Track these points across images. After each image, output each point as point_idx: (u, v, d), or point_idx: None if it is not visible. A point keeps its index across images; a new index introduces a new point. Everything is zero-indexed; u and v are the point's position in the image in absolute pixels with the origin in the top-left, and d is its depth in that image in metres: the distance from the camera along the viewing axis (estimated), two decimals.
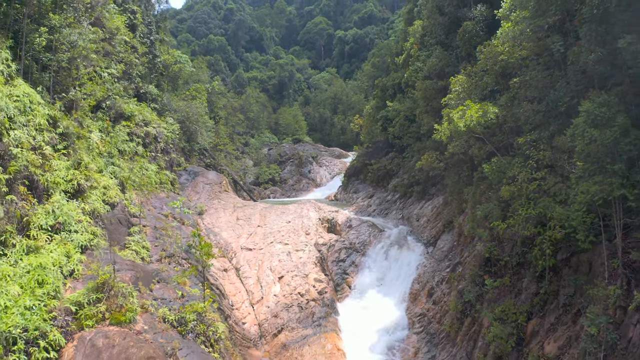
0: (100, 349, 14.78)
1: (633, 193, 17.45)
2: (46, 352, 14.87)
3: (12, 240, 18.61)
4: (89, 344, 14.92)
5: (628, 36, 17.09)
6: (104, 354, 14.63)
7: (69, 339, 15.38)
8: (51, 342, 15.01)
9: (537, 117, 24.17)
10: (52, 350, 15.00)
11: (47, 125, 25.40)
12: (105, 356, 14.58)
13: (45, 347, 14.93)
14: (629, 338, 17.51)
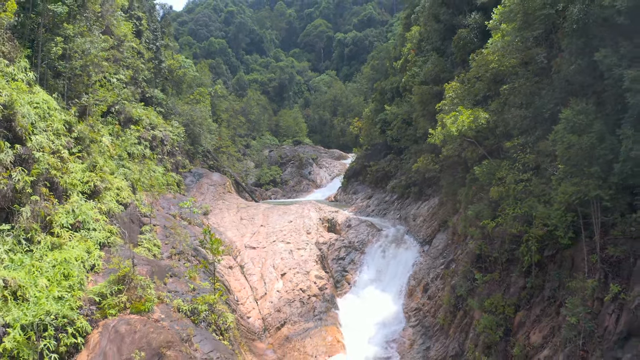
0: (123, 335, 16.36)
1: (608, 194, 19.04)
2: (74, 337, 16.46)
3: (38, 237, 20.21)
4: (113, 330, 16.50)
5: (603, 49, 18.70)
6: (127, 339, 16.21)
7: (94, 326, 16.97)
8: (78, 328, 16.60)
9: (525, 122, 25.76)
10: (79, 336, 16.59)
11: (63, 130, 27.00)
12: (128, 340, 16.16)
13: (73, 334, 16.51)
14: (605, 326, 19.10)
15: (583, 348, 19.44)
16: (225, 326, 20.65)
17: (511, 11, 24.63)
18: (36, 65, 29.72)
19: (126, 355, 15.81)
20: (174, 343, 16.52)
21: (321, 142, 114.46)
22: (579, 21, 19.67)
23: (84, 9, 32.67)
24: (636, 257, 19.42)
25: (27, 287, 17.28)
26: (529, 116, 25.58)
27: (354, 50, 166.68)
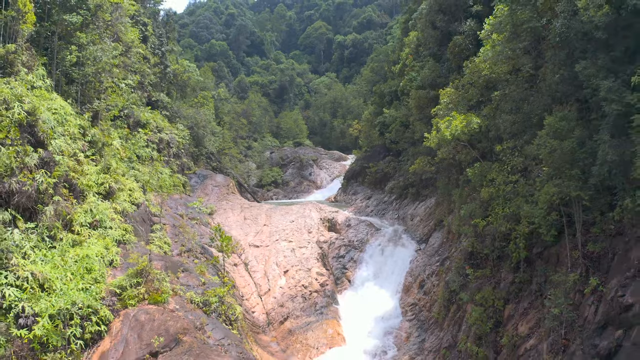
0: (143, 322, 17.93)
1: (588, 194, 20.64)
2: (98, 325, 18.05)
3: (60, 235, 21.81)
4: (133, 318, 18.08)
5: (583, 61, 20.30)
6: (147, 326, 17.78)
7: (115, 315, 18.56)
8: (101, 317, 18.19)
9: (514, 127, 27.34)
10: (103, 324, 18.19)
11: (78, 134, 28.63)
12: (148, 328, 17.73)
13: (97, 322, 18.10)
14: (585, 317, 20.69)
15: (565, 337, 21.03)
16: (234, 317, 22.28)
17: (501, 22, 26.24)
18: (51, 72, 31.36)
19: (146, 341, 17.39)
20: (189, 330, 18.12)
21: (321, 143, 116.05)
22: (562, 34, 21.26)
23: (96, 18, 34.28)
24: (614, 253, 21.01)
25: (53, 280, 18.87)
26: (518, 121, 27.16)
27: (353, 52, 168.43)
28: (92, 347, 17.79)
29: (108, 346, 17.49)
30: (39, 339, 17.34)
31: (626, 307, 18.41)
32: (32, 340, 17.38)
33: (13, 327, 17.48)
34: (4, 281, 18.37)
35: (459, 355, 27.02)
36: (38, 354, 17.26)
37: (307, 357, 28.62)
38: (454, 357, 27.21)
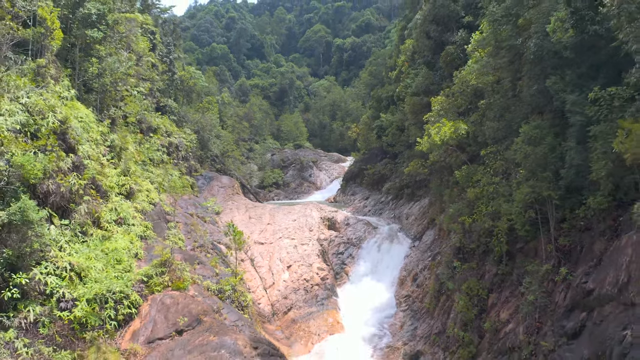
0: (168, 305, 20.62)
1: (558, 194, 23.39)
2: (129, 308, 20.76)
3: (90, 230, 24.52)
4: (160, 302, 20.77)
5: (553, 77, 23.05)
6: (172, 309, 20.47)
7: (144, 299, 21.26)
8: (132, 301, 20.90)
9: (497, 133, 30.08)
10: (133, 307, 20.89)
11: (100, 140, 31.33)
12: (173, 310, 20.42)
13: (128, 305, 20.81)
14: (556, 302, 23.41)
15: (538, 320, 23.76)
16: (245, 304, 25.01)
17: (484, 39, 29.00)
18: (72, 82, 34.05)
19: (172, 321, 20.09)
20: (208, 312, 20.80)
21: (321, 145, 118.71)
22: (535, 52, 23.99)
23: (113, 32, 36.99)
24: (582, 245, 23.76)
25: (88, 270, 21.59)
26: (501, 128, 29.90)
27: (352, 55, 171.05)
28: (124, 327, 20.50)
29: (138, 326, 20.20)
30: (78, 320, 20.04)
31: (588, 292, 21.15)
32: (72, 321, 20.09)
33: (55, 310, 20.19)
34: (45, 271, 21.08)
35: (447, 340, 29.73)
36: (78, 332, 19.97)
37: (309, 343, 31.34)
38: (443, 342, 29.92)
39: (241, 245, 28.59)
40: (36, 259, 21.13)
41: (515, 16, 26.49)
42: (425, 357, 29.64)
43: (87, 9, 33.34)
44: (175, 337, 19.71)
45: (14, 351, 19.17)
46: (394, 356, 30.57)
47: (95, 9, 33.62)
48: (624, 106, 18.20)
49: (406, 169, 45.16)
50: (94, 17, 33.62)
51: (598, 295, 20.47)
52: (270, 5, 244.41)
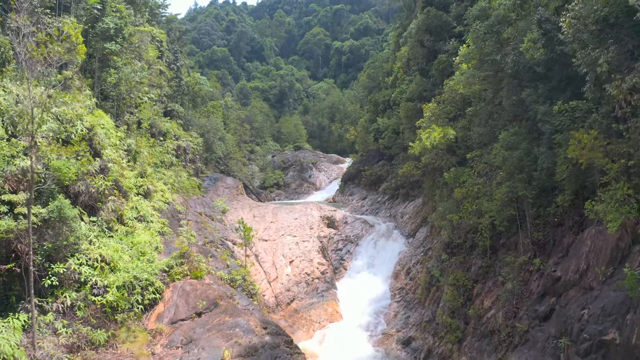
0: (188, 291, 23.50)
1: (532, 194, 26.34)
2: (154, 294, 23.64)
3: (115, 226, 27.40)
4: (181, 288, 23.65)
5: (527, 90, 25.99)
6: (192, 294, 23.35)
7: (166, 286, 24.12)
8: (156, 288, 23.77)
9: (482, 138, 33.01)
10: (157, 293, 23.76)
11: (119, 144, 34.17)
12: (192, 295, 23.30)
13: (153, 291, 23.69)
14: (530, 289, 26.36)
15: (515, 306, 26.70)
16: (254, 292, 27.87)
17: (470, 53, 31.94)
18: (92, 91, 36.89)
19: (192, 305, 22.97)
20: (223, 297, 23.66)
21: (320, 147, 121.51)
22: (512, 67, 26.92)
23: (128, 43, 39.87)
24: (554, 239, 26.74)
25: (117, 261, 24.46)
26: (485, 133, 32.83)
27: (351, 58, 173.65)
28: (150, 310, 23.38)
29: (162, 309, 23.09)
30: (110, 304, 22.93)
31: (557, 279, 24.12)
32: (105, 305, 22.97)
33: (90, 295, 23.07)
34: (79, 261, 23.96)
35: (436, 326, 32.65)
36: (110, 315, 22.86)
37: (310, 330, 34.24)
38: (432, 328, 32.83)
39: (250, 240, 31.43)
40: (70, 251, 23.99)
41: (497, 33, 29.41)
42: (417, 342, 32.54)
43: (105, 23, 36.19)
44: (196, 318, 22.58)
45: (54, 331, 22.07)
46: (388, 342, 33.47)
47: (113, 23, 36.47)
48: (583, 117, 21.12)
49: (400, 170, 48.06)
50: (112, 32, 36.45)
51: (564, 282, 23.48)
52: (270, 8, 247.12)
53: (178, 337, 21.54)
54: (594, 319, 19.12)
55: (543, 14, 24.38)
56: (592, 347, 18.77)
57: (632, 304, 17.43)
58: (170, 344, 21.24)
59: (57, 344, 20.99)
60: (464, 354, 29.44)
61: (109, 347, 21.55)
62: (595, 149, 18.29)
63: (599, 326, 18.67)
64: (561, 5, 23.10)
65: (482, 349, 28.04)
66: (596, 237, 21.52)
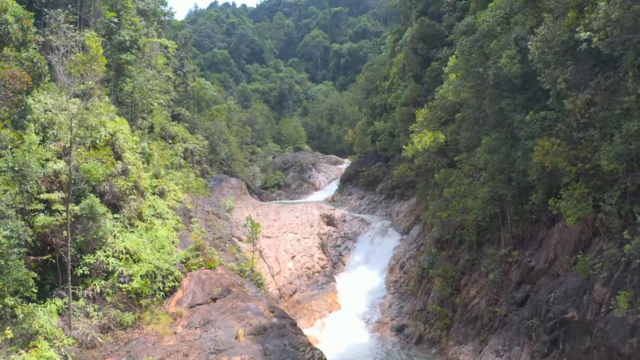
0: (204, 280, 26.45)
1: (511, 193, 29.34)
2: (173, 282, 26.58)
3: (136, 223, 30.33)
4: (197, 277, 26.60)
5: (506, 100, 29.01)
6: (207, 282, 26.29)
7: (184, 276, 27.06)
8: (176, 277, 26.71)
9: (470, 142, 36.00)
10: (176, 281, 26.71)
11: (135, 148, 37.06)
12: (208, 283, 26.25)
13: (173, 280, 26.62)
14: (509, 278, 29.37)
15: (496, 294, 29.71)
16: (260, 282, 30.81)
17: (457, 64, 34.94)
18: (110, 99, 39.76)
19: (208, 291, 25.92)
20: (235, 285, 26.61)
21: (319, 148, 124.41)
22: (494, 79, 29.91)
23: (142, 53, 42.81)
24: (531, 233, 29.76)
25: (139, 253, 27.39)
26: (472, 137, 35.84)
27: (349, 60, 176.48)
28: (170, 296, 26.33)
29: (181, 295, 26.04)
30: (135, 291, 25.85)
31: (531, 269, 27.16)
32: (130, 291, 25.90)
33: (117, 283, 25.99)
34: (106, 253, 26.89)
35: (427, 315, 35.61)
36: (135, 300, 25.80)
37: (312, 319, 37.19)
38: (423, 316, 35.80)
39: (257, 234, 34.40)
40: (99, 245, 26.90)
41: (481, 47, 32.41)
42: (409, 329, 35.50)
43: (122, 36, 39.12)
44: (211, 302, 25.49)
45: (86, 314, 25.01)
46: (383, 329, 36.44)
47: (129, 35, 39.41)
48: (551, 126, 24.11)
49: (396, 171, 51.01)
50: (127, 43, 39.39)
51: (537, 271, 26.54)
52: (269, 10, 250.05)
53: (196, 319, 24.48)
54: (558, 301, 22.13)
55: (519, 32, 27.39)
56: (555, 325, 21.79)
57: (588, 287, 20.43)
58: (189, 324, 24.17)
59: (90, 325, 23.90)
60: (451, 338, 32.44)
61: (136, 327, 24.50)
62: (558, 154, 21.29)
63: (561, 306, 21.68)
64: (535, 25, 26.05)
65: (467, 333, 31.07)
66: (562, 230, 24.55)
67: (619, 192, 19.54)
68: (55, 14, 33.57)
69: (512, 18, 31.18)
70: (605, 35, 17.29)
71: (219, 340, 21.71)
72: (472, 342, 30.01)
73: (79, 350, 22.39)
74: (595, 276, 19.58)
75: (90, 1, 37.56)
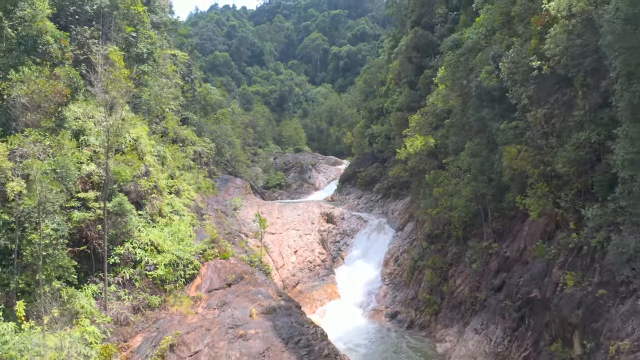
0: (219, 268, 30.13)
1: (491, 192, 33.07)
2: (193, 270, 30.27)
3: (157, 218, 34.01)
4: (213, 266, 30.29)
5: (486, 109, 32.74)
6: (222, 270, 29.98)
7: (202, 264, 30.75)
8: (195, 265, 30.41)
9: (456, 146, 39.72)
10: (195, 269, 30.40)
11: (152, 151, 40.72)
12: (223, 271, 29.94)
13: (192, 268, 30.32)
14: (490, 268, 33.09)
15: (478, 281, 33.44)
16: (268, 271, 34.51)
17: (444, 76, 38.68)
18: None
19: (223, 278, 29.61)
20: (247, 272, 30.33)
21: (318, 149, 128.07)
22: (475, 91, 33.64)
23: (157, 64, 46.47)
24: (509, 228, 33.49)
25: (162, 245, 31.07)
26: (459, 142, 39.55)
27: (348, 63, 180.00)
28: (190, 283, 30.02)
29: (200, 282, 29.73)
30: (160, 277, 29.52)
31: (507, 258, 30.90)
32: (156, 278, 29.56)
33: (144, 271, 29.66)
34: (133, 245, 30.54)
35: (418, 302, 39.33)
36: (160, 286, 29.48)
37: (313, 307, 40.89)
38: (415, 304, 39.51)
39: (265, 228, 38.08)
40: (126, 238, 30.60)
41: (466, 62, 36.13)
42: (402, 315, 39.20)
43: (139, 48, 42.78)
44: (227, 287, 29.18)
45: (118, 298, 28.67)
46: (378, 316, 40.17)
47: (146, 48, 43.08)
48: (522, 134, 27.83)
49: (391, 172, 54.75)
50: (144, 55, 43.06)
51: (511, 260, 30.30)
52: (269, 13, 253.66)
53: (214, 301, 28.14)
54: (525, 284, 25.87)
55: (497, 50, 31.12)
56: (522, 304, 25.52)
57: (548, 271, 24.17)
58: (208, 306, 27.83)
59: (123, 306, 27.57)
60: (439, 322, 36.18)
61: (162, 309, 28.17)
62: (525, 158, 25.04)
63: (527, 288, 25.42)
64: (509, 45, 29.76)
65: (453, 317, 34.82)
66: (531, 224, 28.30)
67: (573, 191, 23.28)
68: (82, 30, 37.19)
69: (492, 36, 34.89)
70: (557, 62, 20.98)
71: (235, 318, 25.38)
72: (457, 324, 33.76)
73: (115, 326, 26.05)
74: (553, 261, 23.33)
75: (111, 17, 41.17)
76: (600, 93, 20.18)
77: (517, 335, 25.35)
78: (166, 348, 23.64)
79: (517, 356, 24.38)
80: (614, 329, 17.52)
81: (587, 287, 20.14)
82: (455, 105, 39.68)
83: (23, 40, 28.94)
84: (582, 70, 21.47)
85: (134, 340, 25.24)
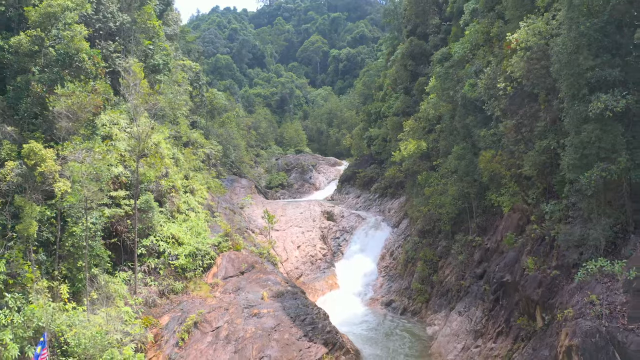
0: (233, 258, 34.11)
1: (475, 191, 37.08)
2: (210, 260, 34.26)
3: (176, 215, 37.99)
4: (227, 256, 34.26)
5: (470, 117, 36.75)
6: (236, 260, 33.95)
7: (218, 255, 34.73)
8: (212, 256, 34.38)
9: (446, 149, 43.71)
10: (212, 260, 34.39)
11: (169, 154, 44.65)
12: (236, 261, 33.91)
13: (209, 258, 34.30)
14: (474, 259, 37.07)
15: (463, 271, 37.44)
16: (275, 262, 38.49)
17: (434, 86, 42.67)
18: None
19: (237, 267, 33.57)
20: (257, 262, 34.32)
21: (319, 150, 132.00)
22: (461, 100, 37.64)
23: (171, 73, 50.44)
24: (491, 223, 37.48)
25: (182, 238, 35.05)
26: (449, 145, 43.54)
27: (347, 65, 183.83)
28: (207, 271, 34.00)
29: (216, 270, 33.73)
30: (181, 266, 33.50)
31: (487, 249, 34.89)
32: (177, 267, 33.53)
33: (167, 260, 33.64)
34: (156, 238, 34.51)
35: (411, 292, 43.32)
36: (181, 274, 33.46)
37: (315, 296, 44.85)
38: (408, 293, 43.50)
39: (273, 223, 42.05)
40: (151, 231, 34.58)
41: (453, 74, 40.13)
42: (396, 303, 43.19)
43: (155, 60, 46.75)
44: (240, 275, 33.18)
45: (145, 284, 32.64)
46: (374, 304, 44.18)
47: (162, 59, 47.05)
48: (499, 140, 31.81)
49: (387, 173, 58.76)
50: (160, 66, 47.02)
51: (491, 250, 34.29)
52: (270, 15, 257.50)
53: (230, 286, 32.13)
54: (500, 270, 29.85)
55: (478, 66, 35.12)
56: (497, 287, 29.50)
57: (518, 258, 28.16)
58: (225, 291, 31.82)
59: (150, 291, 31.56)
60: (429, 309, 40.20)
61: (184, 293, 32.16)
62: (499, 162, 29.03)
63: (502, 273, 29.40)
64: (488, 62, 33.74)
65: (441, 304, 38.83)
66: (507, 218, 32.31)
67: (539, 189, 27.28)
68: (106, 45, 41.15)
69: (477, 50, 38.88)
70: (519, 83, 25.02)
71: (250, 300, 29.38)
72: (445, 309, 37.78)
73: (145, 308, 30.04)
74: (522, 250, 27.34)
75: (131, 32, 45.13)
76: (557, 108, 24.18)
77: (493, 314, 29.35)
78: (191, 325, 27.65)
79: (493, 332, 28.36)
80: (564, 302, 21.49)
81: (546, 270, 24.12)
82: (445, 112, 43.68)
83: (61, 57, 32.90)
84: (543, 89, 25.47)
85: (162, 319, 29.22)
